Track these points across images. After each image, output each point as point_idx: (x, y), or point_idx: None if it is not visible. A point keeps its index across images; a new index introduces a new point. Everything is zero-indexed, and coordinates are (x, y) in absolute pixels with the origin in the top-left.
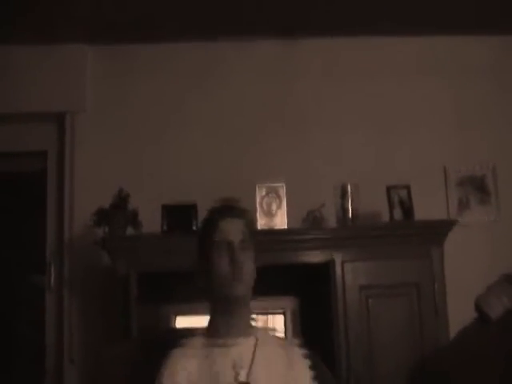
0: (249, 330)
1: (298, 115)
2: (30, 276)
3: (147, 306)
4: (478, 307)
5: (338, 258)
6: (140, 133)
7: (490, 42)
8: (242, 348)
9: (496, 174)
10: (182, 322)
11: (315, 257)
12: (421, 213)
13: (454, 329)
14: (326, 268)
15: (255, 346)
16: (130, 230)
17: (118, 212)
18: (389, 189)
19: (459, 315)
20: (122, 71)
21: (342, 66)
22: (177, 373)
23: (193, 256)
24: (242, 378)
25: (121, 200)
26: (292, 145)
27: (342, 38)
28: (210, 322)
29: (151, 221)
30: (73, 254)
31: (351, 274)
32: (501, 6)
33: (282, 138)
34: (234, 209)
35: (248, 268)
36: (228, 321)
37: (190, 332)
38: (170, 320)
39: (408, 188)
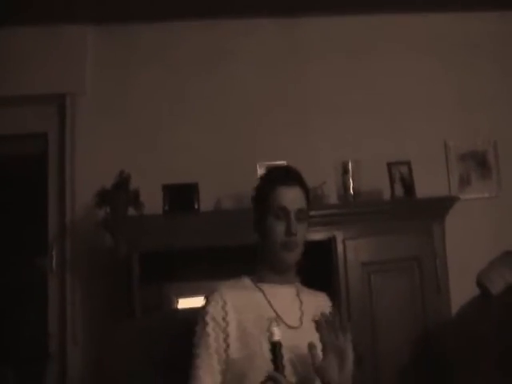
0: (291, 281)
1: (298, 94)
2: (32, 259)
3: (150, 286)
4: (480, 283)
5: (339, 235)
6: (141, 114)
7: (489, 18)
8: (287, 290)
9: (497, 149)
10: (184, 303)
11: (316, 234)
12: (422, 189)
13: (455, 304)
14: (328, 245)
15: (297, 291)
16: (131, 211)
17: (119, 193)
18: (389, 165)
19: (461, 291)
20: (122, 52)
21: (342, 45)
22: (225, 302)
23: (200, 233)
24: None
25: (122, 181)
26: (292, 123)
27: (344, 17)
28: (257, 272)
29: (153, 201)
30: (75, 236)
31: (353, 251)
32: None
33: (283, 117)
34: (294, 174)
35: (301, 238)
36: (274, 274)
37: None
38: (172, 302)
39: (409, 164)
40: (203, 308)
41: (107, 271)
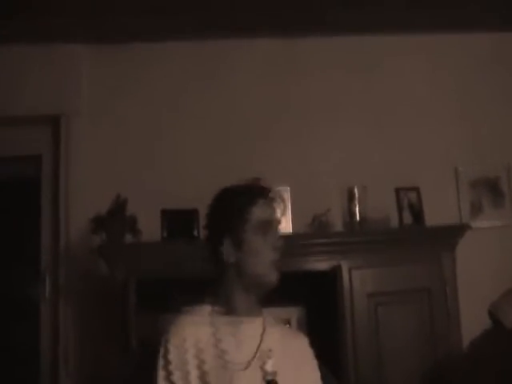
0: (258, 312)
1: (301, 117)
2: (24, 287)
3: (146, 315)
4: (492, 315)
5: (344, 264)
6: (138, 136)
7: (500, 37)
8: (250, 326)
9: (510, 175)
10: None
11: (321, 263)
12: (431, 216)
13: (467, 337)
14: (333, 275)
15: (263, 325)
16: (128, 237)
17: (115, 218)
18: (398, 191)
19: (472, 323)
20: (118, 72)
21: (345, 64)
22: (184, 340)
23: (200, 262)
24: (269, 367)
25: (118, 206)
26: (296, 147)
27: (345, 37)
28: (221, 297)
29: (151, 227)
30: (69, 263)
31: (359, 281)
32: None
33: (286, 140)
34: (267, 188)
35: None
36: (247, 300)
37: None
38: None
39: (418, 190)
40: (163, 344)
41: (102, 300)
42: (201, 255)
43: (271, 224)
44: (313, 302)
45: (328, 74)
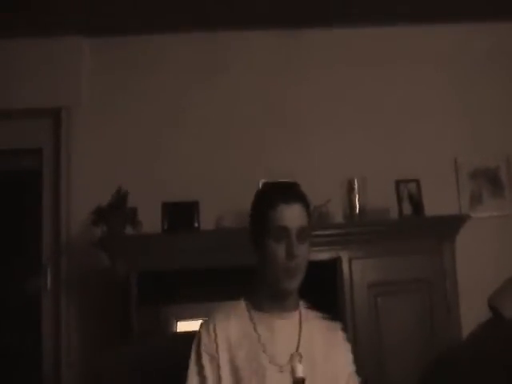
0: (294, 307)
1: (302, 109)
2: (26, 279)
3: (148, 308)
4: (492, 305)
5: (344, 255)
6: (139, 128)
7: (498, 29)
8: (287, 322)
9: (510, 165)
10: (184, 326)
11: (321, 254)
12: (431, 207)
13: (466, 327)
14: (333, 266)
15: (300, 321)
16: (129, 230)
17: (116, 211)
18: (397, 183)
19: (472, 313)
20: (119, 64)
21: (346, 58)
22: (216, 335)
23: (201, 253)
24: (299, 372)
25: (119, 198)
26: (297, 138)
27: (345, 29)
28: (255, 295)
29: (151, 219)
30: (70, 255)
31: (359, 271)
32: None
33: (286, 133)
34: (294, 190)
35: (303, 261)
36: (274, 303)
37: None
38: (170, 325)
39: (417, 182)
40: (196, 338)
41: (103, 292)
42: (202, 247)
43: (286, 230)
44: (313, 292)
45: (329, 66)
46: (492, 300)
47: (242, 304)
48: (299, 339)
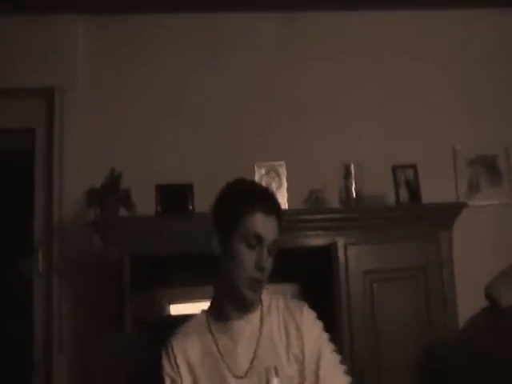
0: (254, 309)
1: (299, 92)
2: (17, 260)
3: (141, 292)
4: (489, 295)
5: (340, 241)
6: (134, 110)
7: (499, 19)
8: (246, 324)
9: (509, 154)
10: (177, 309)
11: (317, 240)
12: (428, 194)
13: (463, 316)
14: (328, 251)
15: (261, 317)
16: (122, 212)
17: (109, 192)
18: (394, 169)
19: (468, 302)
20: (116, 45)
21: (345, 43)
22: (175, 357)
23: (195, 237)
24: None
25: (113, 180)
26: (293, 122)
27: (345, 13)
28: (215, 304)
29: (145, 202)
30: (62, 238)
31: (354, 257)
32: None
33: (282, 116)
34: (273, 202)
35: (267, 275)
36: (234, 308)
37: (186, 319)
38: (164, 308)
39: (415, 168)
40: (159, 362)
41: (96, 275)
42: (196, 230)
43: (261, 240)
44: (308, 278)
45: (328, 53)
46: (489, 288)
47: (202, 317)
48: (259, 339)
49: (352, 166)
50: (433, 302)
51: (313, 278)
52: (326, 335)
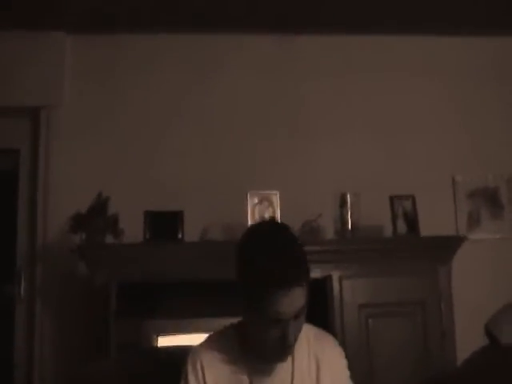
0: None
1: (294, 118)
2: None
3: (127, 321)
4: (489, 331)
5: (335, 273)
6: (122, 131)
7: (498, 43)
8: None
9: (510, 185)
10: (164, 341)
11: (311, 272)
12: (427, 226)
13: (461, 353)
14: (323, 284)
15: (292, 357)
16: (109, 238)
17: (96, 217)
18: (392, 199)
19: (468, 339)
20: (105, 63)
21: (342, 67)
22: (205, 376)
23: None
24: None
25: (100, 204)
26: (287, 149)
27: (343, 37)
28: (246, 339)
29: (133, 228)
30: (46, 263)
31: (350, 291)
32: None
33: (277, 142)
34: (294, 271)
35: (298, 333)
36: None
37: (173, 350)
38: (151, 340)
39: (413, 198)
40: (183, 375)
41: (81, 302)
42: (185, 259)
43: (283, 318)
44: None
45: (324, 78)
46: (489, 325)
47: (234, 338)
48: (293, 373)
49: (348, 195)
50: (431, 336)
51: (307, 311)
52: (348, 373)
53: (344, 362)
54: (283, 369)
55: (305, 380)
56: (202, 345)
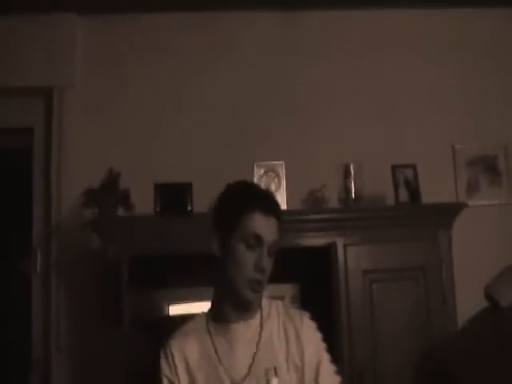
0: (255, 311)
1: (298, 92)
2: (16, 260)
3: (140, 292)
4: (488, 295)
5: (339, 241)
6: (133, 109)
7: (499, 16)
8: (246, 327)
9: (508, 153)
10: (176, 310)
11: (316, 240)
12: (428, 194)
13: (462, 316)
14: (328, 252)
15: (261, 321)
16: (121, 211)
17: (108, 192)
18: (394, 168)
19: (468, 302)
20: (115, 44)
21: (344, 42)
22: (173, 357)
23: (194, 237)
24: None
25: (111, 179)
26: (292, 122)
27: (345, 12)
28: (215, 306)
29: (144, 201)
30: (61, 237)
31: (354, 257)
32: None
33: (282, 115)
34: (273, 203)
35: (267, 276)
36: (235, 310)
37: (185, 319)
38: (162, 308)
39: (414, 167)
40: (157, 363)
41: (94, 275)
42: (194, 230)
43: (260, 240)
44: (307, 278)
45: (327, 52)
46: (488, 288)
47: (202, 318)
48: (258, 344)
49: (351, 165)
50: (432, 301)
51: (312, 278)
52: (324, 345)
53: (318, 335)
54: (248, 341)
55: (268, 352)
56: (173, 333)
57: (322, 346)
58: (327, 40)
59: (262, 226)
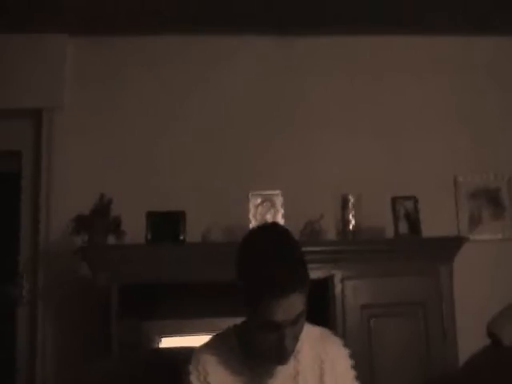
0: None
1: (296, 119)
2: (1, 287)
3: (129, 322)
4: (491, 332)
5: (337, 274)
6: (124, 133)
7: (500, 43)
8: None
9: (511, 186)
10: (167, 343)
11: (313, 273)
12: (428, 227)
13: (463, 354)
14: (325, 285)
15: (295, 367)
16: (111, 239)
17: (98, 219)
18: (394, 200)
19: (469, 339)
20: (104, 65)
21: (345, 67)
22: (211, 375)
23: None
24: None
25: (102, 206)
26: (290, 150)
27: (342, 38)
28: (246, 336)
29: (135, 229)
30: (48, 264)
31: (352, 292)
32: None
33: (279, 143)
34: (293, 278)
35: (297, 338)
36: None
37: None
38: (153, 340)
39: (415, 199)
40: (185, 378)
41: (83, 304)
42: (187, 260)
43: (279, 325)
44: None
45: (325, 77)
46: (491, 326)
47: (234, 341)
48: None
49: (350, 196)
50: (432, 338)
51: (308, 312)
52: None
53: (349, 363)
54: (285, 372)
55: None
56: (203, 347)
57: (352, 374)
58: (325, 67)
59: (281, 311)
